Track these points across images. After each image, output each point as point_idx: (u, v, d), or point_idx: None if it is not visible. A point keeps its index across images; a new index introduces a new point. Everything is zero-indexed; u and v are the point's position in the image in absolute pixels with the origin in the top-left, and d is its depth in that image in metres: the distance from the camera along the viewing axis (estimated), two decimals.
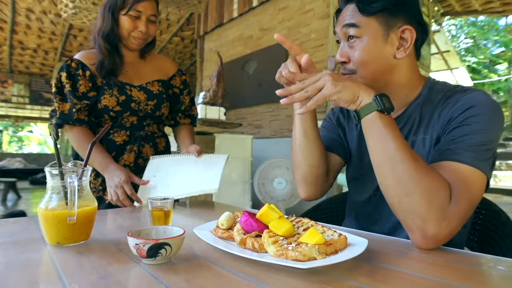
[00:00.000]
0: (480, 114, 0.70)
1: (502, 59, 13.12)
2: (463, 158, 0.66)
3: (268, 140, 3.92)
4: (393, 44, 0.78)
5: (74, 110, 1.17)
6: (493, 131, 0.69)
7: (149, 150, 1.29)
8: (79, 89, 1.19)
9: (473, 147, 0.67)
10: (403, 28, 0.77)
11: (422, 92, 0.81)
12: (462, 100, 0.73)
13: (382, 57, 0.78)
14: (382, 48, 0.77)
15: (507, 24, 12.66)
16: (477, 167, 0.65)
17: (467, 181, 0.64)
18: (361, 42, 0.78)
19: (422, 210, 0.61)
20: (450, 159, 0.67)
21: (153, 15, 1.22)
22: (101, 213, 0.95)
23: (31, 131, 17.00)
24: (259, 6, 4.12)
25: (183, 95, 1.39)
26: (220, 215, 0.67)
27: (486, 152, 0.67)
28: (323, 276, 0.49)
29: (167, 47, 6.90)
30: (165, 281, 0.47)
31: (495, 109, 0.71)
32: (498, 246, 0.86)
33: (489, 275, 0.54)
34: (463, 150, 0.67)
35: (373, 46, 0.77)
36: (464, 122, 0.70)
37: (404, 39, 0.77)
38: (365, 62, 0.78)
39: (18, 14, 5.72)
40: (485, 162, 0.67)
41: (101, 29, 1.21)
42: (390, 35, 0.77)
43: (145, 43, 1.27)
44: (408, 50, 0.78)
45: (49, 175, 0.65)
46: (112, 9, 1.20)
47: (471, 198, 0.64)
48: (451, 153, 0.68)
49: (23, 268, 0.51)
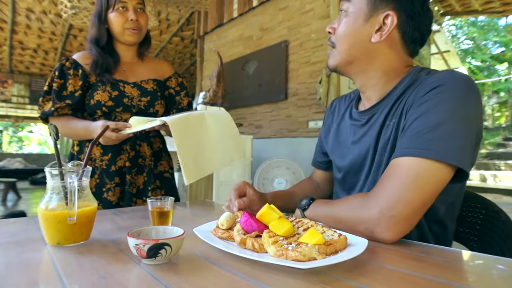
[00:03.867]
0: (440, 94, 0.68)
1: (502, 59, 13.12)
2: (397, 152, 0.69)
3: (268, 140, 3.92)
4: (372, 26, 0.78)
5: (53, 109, 1.20)
6: (457, 112, 0.66)
7: (146, 148, 1.30)
8: (68, 87, 1.23)
9: (414, 134, 0.67)
10: (387, 13, 0.77)
11: (404, 80, 0.79)
12: (426, 81, 0.72)
13: (357, 35, 0.79)
14: (360, 27, 0.79)
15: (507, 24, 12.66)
16: (406, 155, 0.66)
17: (392, 166, 0.68)
18: (346, 17, 0.81)
19: (367, 231, 0.67)
20: (393, 157, 0.70)
21: (139, 3, 1.26)
22: (101, 213, 0.95)
23: (31, 131, 17.00)
24: (259, 6, 4.12)
25: (179, 96, 1.39)
26: (220, 215, 0.67)
27: (435, 138, 0.65)
28: (323, 276, 0.49)
29: (167, 47, 6.90)
30: (165, 281, 0.47)
31: (464, 87, 0.68)
32: (498, 246, 0.86)
33: (489, 275, 0.54)
34: (402, 143, 0.69)
35: (352, 23, 0.80)
36: (420, 106, 0.69)
37: (386, 24, 0.77)
38: (341, 36, 0.81)
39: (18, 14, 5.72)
40: (428, 148, 0.65)
41: (91, 35, 1.27)
42: (373, 16, 0.78)
43: (140, 35, 1.29)
44: (385, 36, 0.77)
45: (49, 175, 0.65)
46: (99, 14, 1.26)
47: (399, 179, 0.65)
48: (396, 148, 0.70)
49: (23, 268, 0.51)
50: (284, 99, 3.71)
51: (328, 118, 1.04)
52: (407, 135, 0.69)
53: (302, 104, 3.54)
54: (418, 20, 0.78)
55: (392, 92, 0.80)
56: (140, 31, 1.28)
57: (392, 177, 0.67)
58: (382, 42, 0.78)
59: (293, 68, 3.65)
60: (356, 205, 0.70)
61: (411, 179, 0.64)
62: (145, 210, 1.01)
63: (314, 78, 3.38)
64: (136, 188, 1.28)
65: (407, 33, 0.78)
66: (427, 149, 0.65)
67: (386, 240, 0.66)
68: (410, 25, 0.78)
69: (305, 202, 0.81)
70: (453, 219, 0.82)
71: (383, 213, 0.65)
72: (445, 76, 0.71)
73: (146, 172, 1.30)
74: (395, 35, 0.78)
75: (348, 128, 0.92)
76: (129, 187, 1.25)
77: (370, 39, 0.78)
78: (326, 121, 1.05)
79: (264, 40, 4.05)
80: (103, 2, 1.24)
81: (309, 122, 3.46)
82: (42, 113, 1.23)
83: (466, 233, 0.94)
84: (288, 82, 3.70)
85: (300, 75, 3.56)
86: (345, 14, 0.81)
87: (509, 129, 11.12)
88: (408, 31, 0.78)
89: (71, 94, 1.22)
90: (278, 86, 3.77)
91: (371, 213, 0.66)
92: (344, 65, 0.84)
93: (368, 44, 0.79)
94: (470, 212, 0.94)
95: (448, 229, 0.81)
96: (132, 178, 1.26)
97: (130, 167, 1.25)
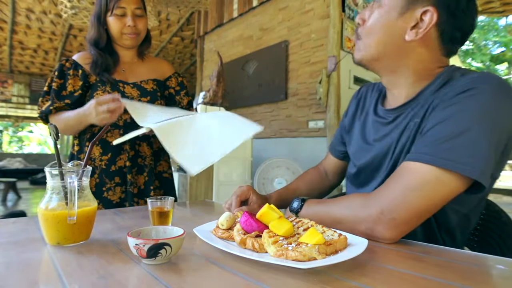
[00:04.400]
0: (468, 99, 0.62)
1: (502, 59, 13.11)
2: (411, 156, 0.65)
3: (268, 140, 3.92)
4: (407, 22, 0.70)
5: (51, 108, 1.19)
6: (484, 119, 0.61)
7: (146, 148, 1.30)
8: (68, 87, 1.23)
9: (432, 141, 0.63)
10: (425, 8, 0.68)
11: (435, 81, 0.72)
12: (457, 83, 0.66)
13: (389, 30, 0.72)
14: (393, 21, 0.71)
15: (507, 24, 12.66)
16: (419, 160, 0.62)
17: (402, 169, 0.65)
18: (379, 8, 0.74)
19: (368, 230, 0.67)
20: None
21: (138, 8, 1.25)
22: (101, 213, 0.95)
23: (31, 131, 16.99)
24: (259, 6, 4.12)
25: (179, 95, 1.39)
26: (220, 215, 0.67)
27: (453, 148, 0.60)
28: (323, 276, 0.49)
29: (167, 47, 6.90)
30: (165, 281, 0.47)
31: (497, 91, 0.62)
32: (498, 246, 0.86)
33: (489, 275, 0.54)
34: (418, 147, 0.66)
35: (384, 16, 0.72)
36: (444, 110, 0.64)
37: (423, 21, 0.69)
38: (371, 29, 0.74)
39: (18, 14, 5.72)
40: (444, 158, 0.60)
41: (90, 36, 1.27)
42: (409, 10, 0.70)
43: (138, 39, 1.29)
44: (421, 34, 0.69)
45: (49, 175, 0.65)
46: (98, 16, 1.25)
47: (405, 184, 0.63)
48: (412, 150, 0.68)
49: (23, 268, 0.51)
50: (284, 99, 3.71)
51: (352, 107, 0.97)
52: (425, 140, 0.65)
53: (302, 104, 3.54)
54: (461, 18, 0.70)
55: (422, 93, 0.74)
56: (138, 36, 1.28)
57: (399, 180, 0.64)
58: (416, 41, 0.71)
59: (293, 68, 3.65)
60: (357, 205, 0.69)
61: (418, 186, 0.62)
62: (145, 210, 1.01)
63: (314, 78, 3.38)
64: (137, 188, 1.28)
65: (446, 32, 0.71)
66: (443, 158, 0.60)
67: (386, 239, 0.65)
68: (451, 24, 0.70)
69: (297, 204, 0.78)
70: (464, 232, 0.78)
71: (384, 213, 0.64)
72: (477, 78, 0.65)
73: (146, 172, 1.30)
74: (433, 33, 0.71)
75: (371, 124, 0.87)
76: (130, 186, 1.25)
77: (403, 36, 0.71)
78: (350, 109, 0.98)
79: (264, 40, 4.05)
80: (102, 4, 1.23)
81: (309, 122, 3.46)
82: (41, 112, 1.23)
83: None
84: (288, 82, 3.70)
85: (300, 75, 3.56)
86: (378, 4, 0.73)
87: None
88: (447, 30, 0.70)
89: (71, 94, 1.22)
90: (278, 86, 3.77)
91: (372, 212, 0.65)
92: (370, 61, 0.77)
93: (400, 42, 0.72)
94: None
95: (457, 239, 0.77)
96: (133, 178, 1.26)
97: (130, 166, 1.25)
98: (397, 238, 0.66)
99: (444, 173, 0.61)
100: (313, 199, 0.80)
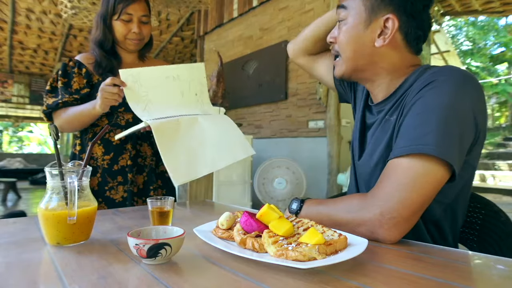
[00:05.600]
0: (431, 90, 0.68)
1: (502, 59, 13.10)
2: (393, 153, 0.69)
3: (268, 140, 3.92)
4: (373, 31, 0.78)
5: (60, 102, 1.19)
6: (447, 107, 0.66)
7: (147, 148, 1.30)
8: (73, 86, 1.23)
9: (405, 133, 0.68)
10: (386, 16, 0.76)
11: (408, 79, 0.78)
12: (422, 78, 0.72)
13: (360, 42, 0.79)
14: (362, 33, 0.78)
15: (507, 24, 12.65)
16: (401, 155, 0.66)
17: (390, 167, 0.69)
18: (345, 24, 0.81)
19: (368, 232, 0.68)
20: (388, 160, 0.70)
21: (144, 15, 1.25)
22: (101, 213, 0.95)
23: (31, 131, 16.99)
24: (259, 6, 4.12)
25: None
26: (220, 215, 0.67)
27: (422, 134, 0.65)
28: (323, 276, 0.49)
29: (167, 47, 6.90)
30: (165, 281, 0.47)
31: (459, 82, 0.68)
32: (498, 246, 0.86)
33: (489, 275, 0.54)
34: (397, 143, 0.70)
35: (353, 30, 0.80)
36: (413, 105, 0.70)
37: (387, 27, 0.77)
38: (344, 44, 0.81)
39: (18, 14, 5.71)
40: (418, 143, 0.65)
41: (95, 37, 1.26)
42: (373, 21, 0.77)
43: (141, 43, 1.30)
44: (388, 40, 0.77)
45: (49, 175, 0.65)
46: (104, 17, 1.24)
47: (397, 180, 0.66)
48: (393, 149, 0.71)
49: (23, 268, 0.51)
50: (284, 99, 3.71)
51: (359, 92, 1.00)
52: (400, 135, 0.71)
53: (302, 104, 3.54)
54: (419, 19, 0.77)
55: (396, 91, 0.80)
56: (141, 41, 1.28)
57: (391, 177, 0.67)
58: (385, 46, 0.78)
59: (293, 68, 3.65)
60: (355, 207, 0.70)
61: (410, 180, 0.65)
62: (145, 210, 1.01)
63: (314, 78, 3.38)
64: (137, 188, 1.28)
65: (409, 33, 0.78)
66: (417, 144, 0.65)
67: (387, 241, 0.66)
68: (412, 25, 0.77)
69: (296, 205, 0.80)
70: (452, 224, 0.80)
71: (384, 214, 0.65)
72: (437, 72, 0.70)
73: (146, 172, 1.30)
74: (398, 36, 0.78)
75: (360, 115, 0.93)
76: (131, 185, 1.26)
77: (373, 44, 0.78)
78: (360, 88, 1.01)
79: (264, 40, 4.05)
80: (109, 7, 1.22)
81: (309, 122, 3.46)
82: (47, 107, 1.22)
83: (466, 233, 0.94)
84: (288, 82, 3.70)
85: (300, 75, 3.56)
86: (344, 22, 0.81)
87: (509, 129, 11.11)
88: (410, 31, 0.77)
89: (77, 91, 1.23)
90: (278, 86, 3.77)
91: (372, 215, 0.67)
92: (350, 72, 0.84)
93: (371, 49, 0.79)
94: (470, 212, 0.93)
95: (445, 232, 0.79)
96: (133, 177, 1.27)
97: (131, 165, 1.26)
98: (399, 238, 0.67)
99: (427, 161, 0.65)
100: (312, 199, 0.81)
